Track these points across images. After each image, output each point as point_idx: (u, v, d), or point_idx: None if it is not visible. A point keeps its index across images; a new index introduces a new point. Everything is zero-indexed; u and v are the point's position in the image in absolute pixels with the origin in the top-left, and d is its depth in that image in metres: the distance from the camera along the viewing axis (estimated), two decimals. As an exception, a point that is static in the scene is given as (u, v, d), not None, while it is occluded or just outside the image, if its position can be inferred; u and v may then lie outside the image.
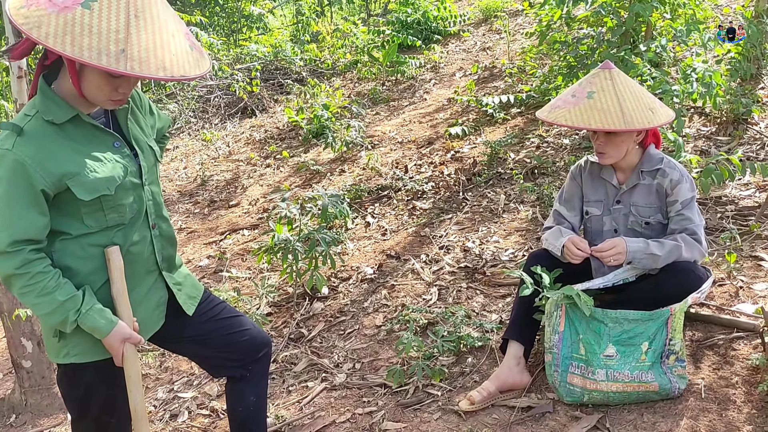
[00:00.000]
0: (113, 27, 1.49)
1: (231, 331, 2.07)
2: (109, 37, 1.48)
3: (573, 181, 2.74)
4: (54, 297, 1.69)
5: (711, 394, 2.33)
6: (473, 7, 9.16)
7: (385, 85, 7.65)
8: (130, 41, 1.49)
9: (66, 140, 1.70)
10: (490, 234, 3.93)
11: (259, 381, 2.16)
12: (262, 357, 2.14)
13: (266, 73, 8.78)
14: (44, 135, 1.67)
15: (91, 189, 1.70)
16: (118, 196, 1.76)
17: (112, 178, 1.74)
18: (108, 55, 1.47)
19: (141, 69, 1.48)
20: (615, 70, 2.50)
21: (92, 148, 1.74)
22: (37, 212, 1.66)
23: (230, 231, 5.10)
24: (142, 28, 1.51)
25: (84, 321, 1.73)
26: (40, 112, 1.68)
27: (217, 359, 2.11)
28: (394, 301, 3.52)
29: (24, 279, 1.68)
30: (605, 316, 2.35)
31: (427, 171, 5.05)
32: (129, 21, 1.50)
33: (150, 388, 3.42)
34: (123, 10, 1.50)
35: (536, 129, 5.20)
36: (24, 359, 3.44)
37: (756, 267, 2.98)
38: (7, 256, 1.66)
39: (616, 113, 2.38)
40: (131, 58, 1.48)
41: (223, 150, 7.04)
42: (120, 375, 1.86)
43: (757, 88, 4.75)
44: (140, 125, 1.92)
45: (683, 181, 2.50)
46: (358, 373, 3.02)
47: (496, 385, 2.54)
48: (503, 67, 6.74)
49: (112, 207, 1.76)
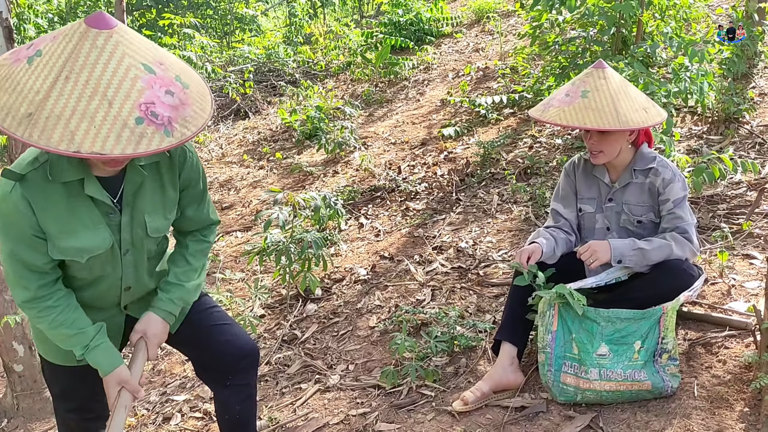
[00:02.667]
0: (36, 87, 1.34)
1: (215, 339, 2.03)
2: (26, 97, 1.34)
3: (567, 178, 2.74)
4: (61, 331, 1.76)
5: (704, 392, 2.34)
6: (466, 8, 9.18)
7: (378, 86, 7.65)
8: (44, 105, 1.32)
9: (60, 199, 1.64)
10: (483, 234, 3.93)
11: (243, 390, 2.10)
12: (244, 367, 2.07)
13: (259, 75, 8.77)
14: (41, 191, 1.62)
15: (62, 252, 1.70)
16: (88, 263, 1.76)
17: (86, 249, 1.71)
18: (14, 117, 1.32)
19: (39, 138, 1.30)
20: (608, 69, 2.51)
21: (84, 211, 1.68)
22: (38, 251, 1.69)
23: (223, 233, 5.08)
24: (66, 92, 1.32)
25: (89, 356, 1.79)
26: (48, 164, 1.61)
27: (203, 363, 2.09)
28: (387, 302, 3.51)
29: (34, 311, 1.75)
30: (598, 316, 2.35)
31: (421, 172, 5.05)
32: (56, 82, 1.33)
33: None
34: (56, 70, 1.34)
35: (529, 129, 5.21)
36: (15, 363, 3.42)
37: (748, 265, 2.99)
38: (21, 288, 1.73)
39: (611, 113, 2.38)
40: (34, 125, 1.31)
41: (216, 152, 7.03)
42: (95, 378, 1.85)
43: (748, 87, 4.77)
44: (152, 197, 1.78)
45: (675, 180, 2.50)
46: (352, 375, 3.01)
47: (489, 385, 2.53)
48: (496, 68, 6.75)
49: (81, 268, 1.78)
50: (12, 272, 1.71)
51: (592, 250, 2.48)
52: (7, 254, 1.69)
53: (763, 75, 4.96)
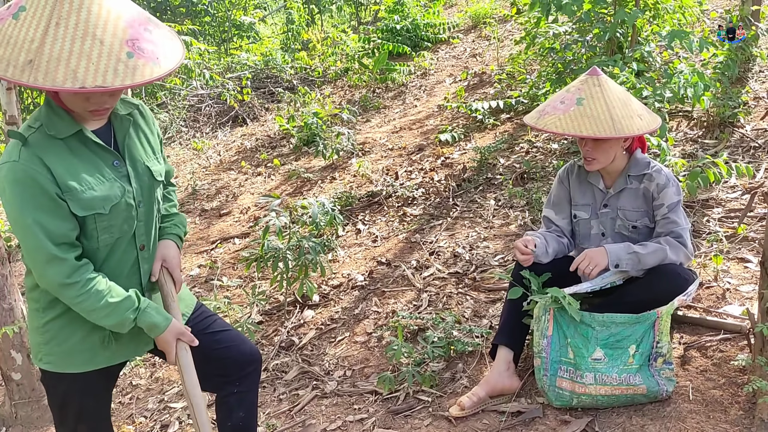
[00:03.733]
0: (29, 37, 1.45)
1: (219, 346, 2.04)
2: (22, 47, 1.44)
3: (561, 184, 2.75)
4: (108, 301, 1.72)
5: (699, 395, 2.35)
6: (462, 14, 9.21)
7: (375, 92, 7.67)
8: (42, 51, 1.43)
9: (67, 155, 1.69)
10: (480, 239, 3.95)
11: (248, 396, 2.11)
12: (250, 373, 2.09)
13: (257, 81, 8.79)
14: (47, 147, 1.66)
15: (86, 206, 1.69)
16: (111, 216, 1.75)
17: (108, 197, 1.73)
18: (15, 66, 1.44)
19: (45, 80, 1.42)
20: (603, 77, 2.52)
21: (92, 164, 1.73)
22: (60, 217, 1.66)
23: (221, 240, 5.09)
24: (60, 36, 1.44)
25: (142, 318, 1.78)
26: (44, 126, 1.67)
27: (205, 373, 2.05)
28: (384, 308, 3.52)
29: (76, 288, 1.68)
30: (593, 320, 2.36)
31: (418, 177, 5.07)
32: (47, 30, 1.44)
33: (141, 399, 3.41)
34: (45, 19, 1.45)
35: (525, 134, 5.23)
36: (14, 371, 3.43)
37: (743, 269, 3.00)
38: (57, 263, 1.66)
39: (606, 120, 2.39)
40: (37, 69, 1.42)
41: (214, 159, 7.04)
42: (97, 391, 1.85)
43: (743, 91, 4.79)
44: (141, 144, 1.88)
45: (669, 185, 2.51)
46: (349, 381, 3.02)
47: (486, 390, 2.54)
48: (492, 73, 6.77)
49: (104, 228, 1.75)
50: (41, 249, 1.64)
51: (589, 258, 2.49)
52: (31, 230, 1.63)
53: (757, 79, 4.99)
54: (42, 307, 1.81)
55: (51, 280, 1.69)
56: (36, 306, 1.83)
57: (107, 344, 1.85)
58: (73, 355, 1.82)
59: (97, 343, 1.83)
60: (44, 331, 1.83)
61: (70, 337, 1.81)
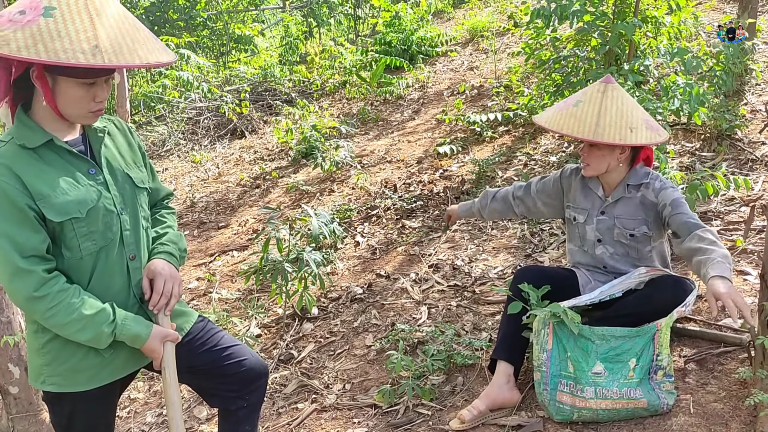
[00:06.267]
0: (80, 27, 1.52)
1: (229, 361, 2.02)
2: (78, 37, 1.51)
3: (560, 180, 2.78)
4: (81, 313, 1.68)
5: (699, 409, 2.34)
6: (460, 27, 9.26)
7: (373, 105, 7.69)
8: (100, 37, 1.52)
9: (39, 163, 1.69)
10: (479, 252, 3.95)
11: (254, 410, 2.11)
12: (260, 386, 2.09)
13: (255, 94, 8.82)
14: (17, 157, 1.66)
15: (61, 211, 1.68)
16: (90, 220, 1.73)
17: (83, 201, 1.72)
18: (83, 53, 1.50)
19: (119, 59, 1.52)
20: (613, 85, 2.53)
21: (66, 171, 1.73)
22: (30, 229, 1.64)
23: (220, 252, 5.09)
24: (105, 24, 1.55)
25: (122, 331, 1.75)
26: (14, 138, 1.69)
27: (214, 389, 2.05)
28: (384, 321, 3.51)
29: (45, 301, 1.65)
30: (592, 334, 2.35)
31: (416, 190, 5.07)
32: (92, 20, 1.54)
33: (139, 413, 3.39)
34: (84, 12, 1.55)
35: (523, 147, 5.24)
36: (11, 385, 3.40)
37: (742, 281, 3.00)
38: (24, 275, 1.63)
39: (590, 125, 2.42)
40: (106, 52, 1.51)
41: (212, 171, 7.05)
42: (101, 407, 1.84)
43: (740, 103, 4.82)
44: (120, 153, 1.90)
45: (666, 186, 2.53)
46: (348, 394, 3.01)
47: (486, 403, 2.53)
48: (490, 86, 6.80)
49: (84, 234, 1.73)
50: (8, 262, 1.62)
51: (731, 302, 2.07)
52: None
53: (754, 91, 5.01)
54: (41, 328, 1.78)
55: (18, 295, 1.65)
56: (35, 327, 1.80)
57: (109, 359, 1.83)
58: (77, 373, 1.79)
59: (99, 358, 1.81)
60: (45, 352, 1.79)
61: (71, 356, 1.79)
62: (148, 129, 8.70)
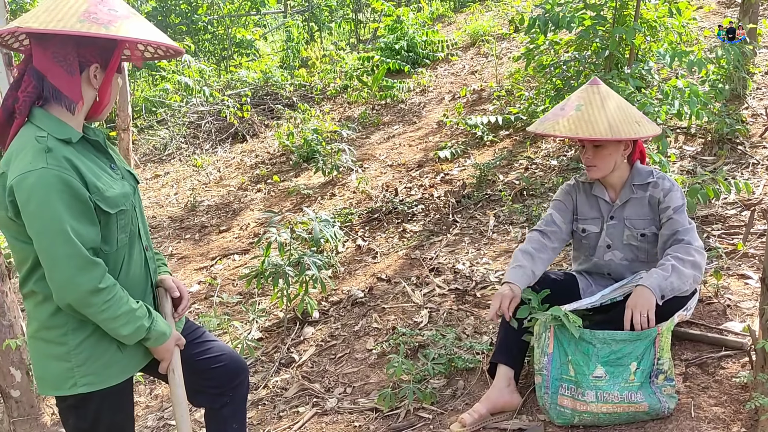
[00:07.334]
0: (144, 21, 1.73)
1: (209, 355, 2.05)
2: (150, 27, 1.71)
3: (567, 195, 2.76)
4: (129, 306, 1.73)
5: (700, 412, 2.34)
6: (461, 31, 9.28)
7: (374, 108, 7.71)
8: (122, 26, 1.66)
9: (83, 158, 1.71)
10: (480, 256, 3.95)
11: (240, 407, 2.13)
12: (242, 381, 2.11)
13: (256, 98, 8.84)
14: (66, 152, 1.66)
15: (113, 204, 1.72)
16: (126, 213, 1.79)
17: (127, 194, 1.79)
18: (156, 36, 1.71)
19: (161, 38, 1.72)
20: (602, 86, 2.56)
21: (100, 166, 1.77)
22: (91, 222, 1.67)
23: (221, 256, 5.09)
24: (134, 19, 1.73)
25: (155, 327, 1.80)
26: (50, 134, 1.66)
27: (197, 385, 2.05)
28: (384, 324, 3.52)
29: (105, 294, 1.67)
30: (593, 337, 2.35)
31: (417, 193, 5.08)
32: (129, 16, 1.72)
33: (140, 416, 3.39)
34: None
35: (524, 151, 5.25)
36: (12, 388, 3.41)
37: (743, 285, 3.00)
38: (91, 267, 1.64)
39: (603, 124, 2.43)
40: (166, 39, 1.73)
41: (213, 175, 7.06)
42: (124, 401, 1.86)
43: (741, 108, 4.82)
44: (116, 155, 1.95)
45: (674, 189, 2.55)
46: (349, 398, 3.01)
47: (487, 407, 2.53)
48: (491, 90, 6.81)
49: (122, 226, 1.78)
50: (77, 256, 1.62)
51: (638, 307, 2.32)
52: (67, 236, 1.60)
53: (755, 96, 5.02)
54: (71, 329, 1.73)
55: (83, 288, 1.64)
56: (60, 332, 1.74)
57: (133, 351, 1.84)
58: (109, 367, 1.78)
59: (125, 350, 1.82)
60: (78, 353, 1.74)
61: (105, 351, 1.77)
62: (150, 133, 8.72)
